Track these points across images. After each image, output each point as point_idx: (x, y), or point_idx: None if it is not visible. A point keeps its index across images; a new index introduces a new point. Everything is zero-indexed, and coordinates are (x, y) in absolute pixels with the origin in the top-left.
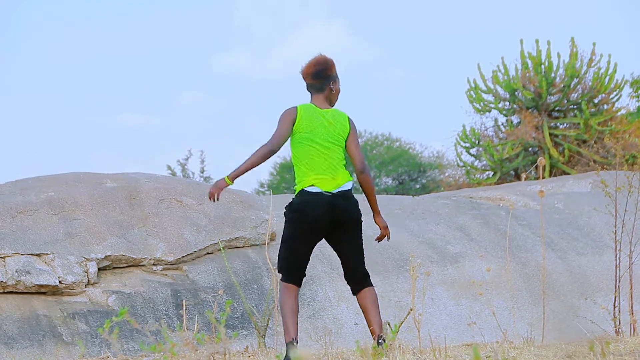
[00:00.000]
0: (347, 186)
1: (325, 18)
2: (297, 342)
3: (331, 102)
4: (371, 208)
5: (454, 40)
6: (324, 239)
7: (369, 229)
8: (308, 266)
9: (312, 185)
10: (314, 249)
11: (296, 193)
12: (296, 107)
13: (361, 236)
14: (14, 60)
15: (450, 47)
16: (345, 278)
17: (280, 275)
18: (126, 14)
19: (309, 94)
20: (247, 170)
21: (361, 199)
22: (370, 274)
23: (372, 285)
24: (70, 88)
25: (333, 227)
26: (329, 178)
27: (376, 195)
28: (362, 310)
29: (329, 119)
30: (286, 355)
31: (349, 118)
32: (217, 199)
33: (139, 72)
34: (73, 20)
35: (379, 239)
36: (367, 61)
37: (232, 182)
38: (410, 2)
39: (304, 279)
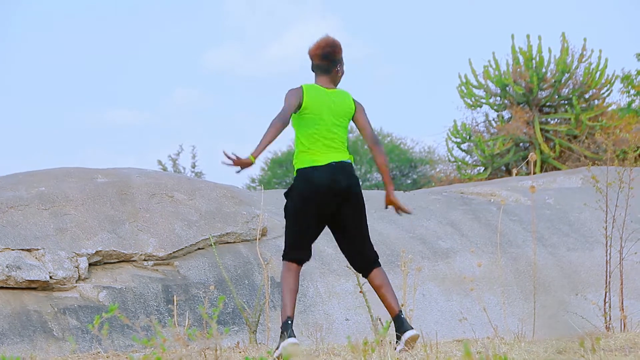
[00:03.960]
0: (348, 161)
1: (317, 15)
2: (292, 321)
3: (335, 84)
4: (384, 180)
5: (445, 35)
6: (327, 227)
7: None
8: None
9: (313, 164)
10: None
11: (296, 170)
12: (301, 87)
13: (365, 216)
14: (4, 57)
15: (441, 43)
16: (353, 265)
17: (282, 255)
18: (119, 11)
19: (312, 74)
20: (268, 145)
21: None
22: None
23: (380, 265)
24: (62, 84)
25: (335, 199)
26: (329, 156)
27: (384, 165)
28: (375, 290)
29: (335, 99)
30: (283, 334)
31: (353, 99)
32: (237, 173)
33: (131, 68)
34: (65, 17)
35: (397, 211)
36: (358, 57)
37: (255, 161)
38: None
39: None
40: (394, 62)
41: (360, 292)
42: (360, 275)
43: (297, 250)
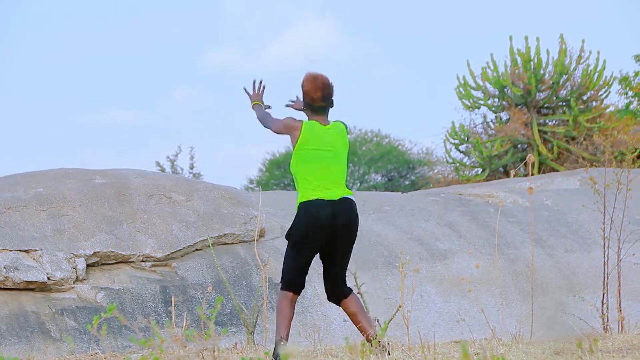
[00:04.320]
0: (350, 197)
1: (316, 15)
2: (285, 342)
3: (326, 119)
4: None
5: (443, 37)
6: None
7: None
8: None
9: (317, 198)
10: None
11: (299, 204)
12: (301, 122)
13: (351, 250)
14: (4, 57)
15: (439, 44)
16: (327, 289)
17: (280, 284)
18: (119, 11)
19: (302, 108)
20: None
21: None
22: (359, 271)
23: (352, 292)
24: (62, 84)
25: (334, 232)
26: (332, 192)
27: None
28: (351, 316)
29: (333, 135)
30: (274, 352)
31: (346, 127)
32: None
33: (131, 68)
34: (65, 17)
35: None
36: (357, 58)
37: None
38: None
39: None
40: (393, 63)
41: (357, 293)
42: (334, 302)
43: (296, 281)
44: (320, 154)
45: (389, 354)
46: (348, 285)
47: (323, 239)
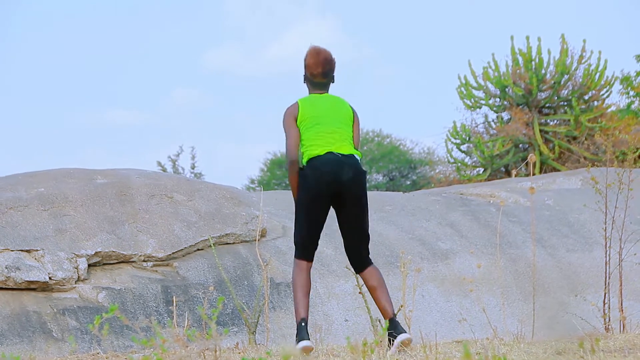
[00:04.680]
0: (356, 156)
1: (317, 15)
2: (306, 323)
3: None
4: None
5: (444, 36)
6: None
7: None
8: None
9: (318, 154)
10: None
11: (304, 164)
12: (297, 102)
13: (367, 216)
14: (4, 57)
15: (441, 44)
16: (348, 257)
17: (295, 251)
18: (119, 11)
19: (304, 88)
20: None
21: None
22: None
23: (373, 264)
24: (62, 84)
25: (341, 192)
26: (335, 147)
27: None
28: (370, 291)
29: (331, 101)
30: (297, 336)
31: (352, 108)
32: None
33: (131, 68)
34: (65, 17)
35: None
36: (357, 58)
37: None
38: None
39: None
40: (394, 63)
41: (359, 293)
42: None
43: (307, 246)
44: (318, 118)
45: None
46: (367, 259)
47: (329, 194)
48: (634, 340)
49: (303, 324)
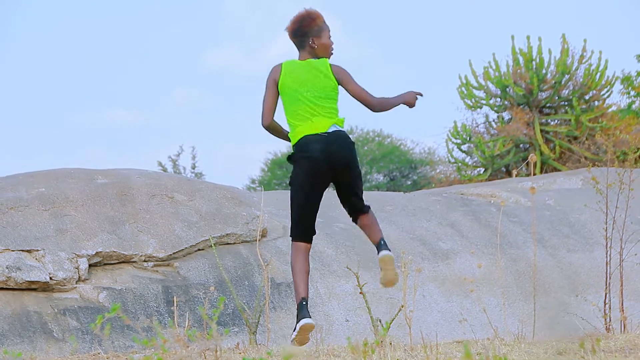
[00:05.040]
0: (337, 127)
1: None
2: (306, 302)
3: (317, 56)
4: (395, 104)
5: (445, 36)
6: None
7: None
8: None
9: (304, 135)
10: None
11: (292, 146)
12: (281, 64)
13: (360, 177)
14: (4, 57)
15: (441, 44)
16: (344, 208)
17: (290, 235)
18: (119, 11)
19: None
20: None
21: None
22: (361, 271)
23: (369, 210)
24: (62, 84)
25: (331, 166)
26: (318, 124)
27: (391, 101)
28: (363, 229)
29: (308, 69)
30: (298, 316)
31: (332, 66)
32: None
33: (131, 68)
34: (65, 17)
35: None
36: (358, 58)
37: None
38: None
39: None
40: (394, 63)
41: (360, 293)
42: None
43: (304, 227)
44: (298, 93)
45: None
46: (363, 208)
47: (321, 174)
48: (635, 341)
49: (304, 302)
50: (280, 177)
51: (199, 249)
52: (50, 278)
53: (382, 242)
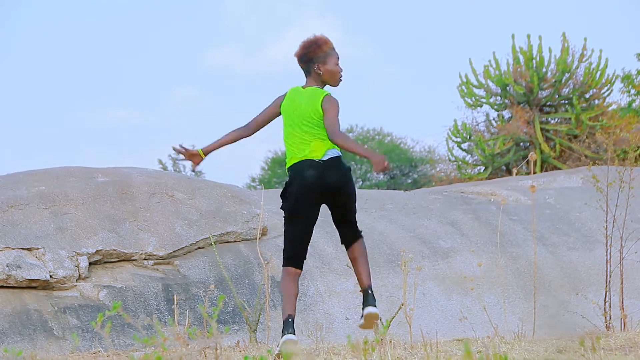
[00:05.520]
0: (334, 153)
1: (317, 15)
2: (292, 319)
3: (324, 82)
4: (360, 155)
5: (445, 35)
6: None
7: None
8: None
9: (298, 160)
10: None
11: (287, 168)
12: (287, 92)
13: (354, 203)
14: (4, 57)
15: (441, 42)
16: (339, 233)
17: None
18: (119, 11)
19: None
20: (220, 146)
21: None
22: None
23: (361, 237)
24: (62, 84)
25: (326, 193)
26: (312, 150)
27: (355, 145)
28: (351, 262)
29: (305, 98)
30: (283, 330)
31: (324, 96)
32: (192, 169)
33: (131, 68)
34: (65, 17)
35: (379, 170)
36: (358, 57)
37: (204, 156)
38: None
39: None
40: (394, 62)
41: (360, 291)
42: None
43: (295, 254)
44: (290, 119)
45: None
46: (356, 235)
47: (314, 202)
48: (635, 339)
49: (290, 319)
50: (280, 175)
51: (199, 247)
52: (51, 276)
53: (369, 294)
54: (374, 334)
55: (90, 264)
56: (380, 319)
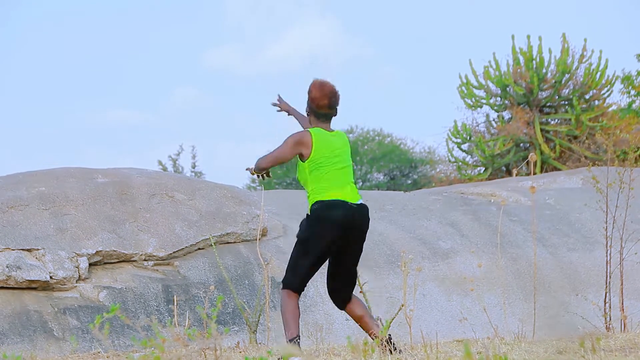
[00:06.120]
0: (363, 203)
1: (317, 15)
2: (299, 340)
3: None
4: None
5: (445, 36)
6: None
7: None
8: None
9: (333, 198)
10: None
11: (313, 204)
12: (310, 133)
13: (359, 259)
14: (4, 57)
15: (441, 43)
16: (333, 292)
17: (283, 282)
18: (119, 11)
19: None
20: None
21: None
22: (361, 270)
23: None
24: (62, 84)
25: (347, 234)
26: (349, 192)
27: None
28: (358, 320)
29: (339, 141)
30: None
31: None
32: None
33: (131, 68)
34: (65, 17)
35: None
36: (358, 58)
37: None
38: None
39: None
40: (394, 62)
41: (360, 292)
42: (337, 307)
43: (303, 281)
44: (330, 161)
45: (394, 350)
46: (351, 296)
47: (336, 238)
48: (635, 339)
49: (298, 340)
50: (280, 176)
51: (199, 248)
52: (51, 277)
53: (392, 342)
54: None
55: (90, 264)
56: (380, 320)
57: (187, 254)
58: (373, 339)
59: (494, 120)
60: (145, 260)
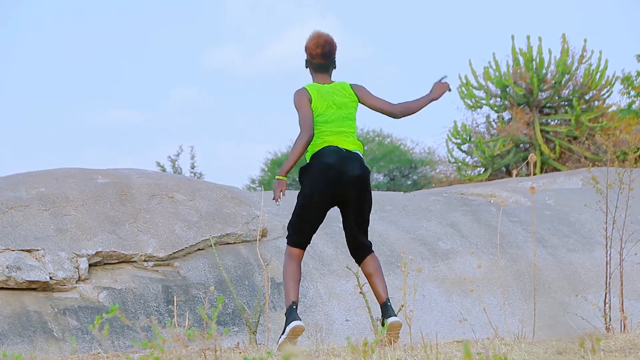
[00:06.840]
0: (358, 152)
1: (317, 16)
2: (296, 306)
3: (330, 78)
4: (421, 106)
5: (445, 36)
6: (333, 208)
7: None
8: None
9: (326, 145)
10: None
11: (309, 156)
12: (306, 89)
13: (369, 207)
14: (4, 57)
15: (441, 43)
16: (348, 247)
17: (286, 239)
18: (119, 11)
19: (307, 74)
20: (294, 164)
21: None
22: (361, 270)
23: (373, 252)
24: (62, 84)
25: (345, 185)
26: (341, 140)
27: (410, 107)
28: (367, 278)
29: (336, 93)
30: (287, 318)
31: (350, 85)
32: (284, 195)
33: (131, 68)
34: (65, 17)
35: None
36: (358, 57)
37: (286, 177)
38: None
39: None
40: (394, 63)
41: (360, 292)
42: (354, 260)
43: (302, 234)
44: (326, 116)
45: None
46: (368, 247)
47: (334, 186)
48: (635, 340)
49: (294, 306)
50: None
51: (199, 249)
52: (51, 278)
53: (389, 306)
54: (374, 334)
55: (90, 265)
56: (380, 320)
57: (187, 255)
58: (379, 302)
59: (493, 120)
60: (145, 260)
